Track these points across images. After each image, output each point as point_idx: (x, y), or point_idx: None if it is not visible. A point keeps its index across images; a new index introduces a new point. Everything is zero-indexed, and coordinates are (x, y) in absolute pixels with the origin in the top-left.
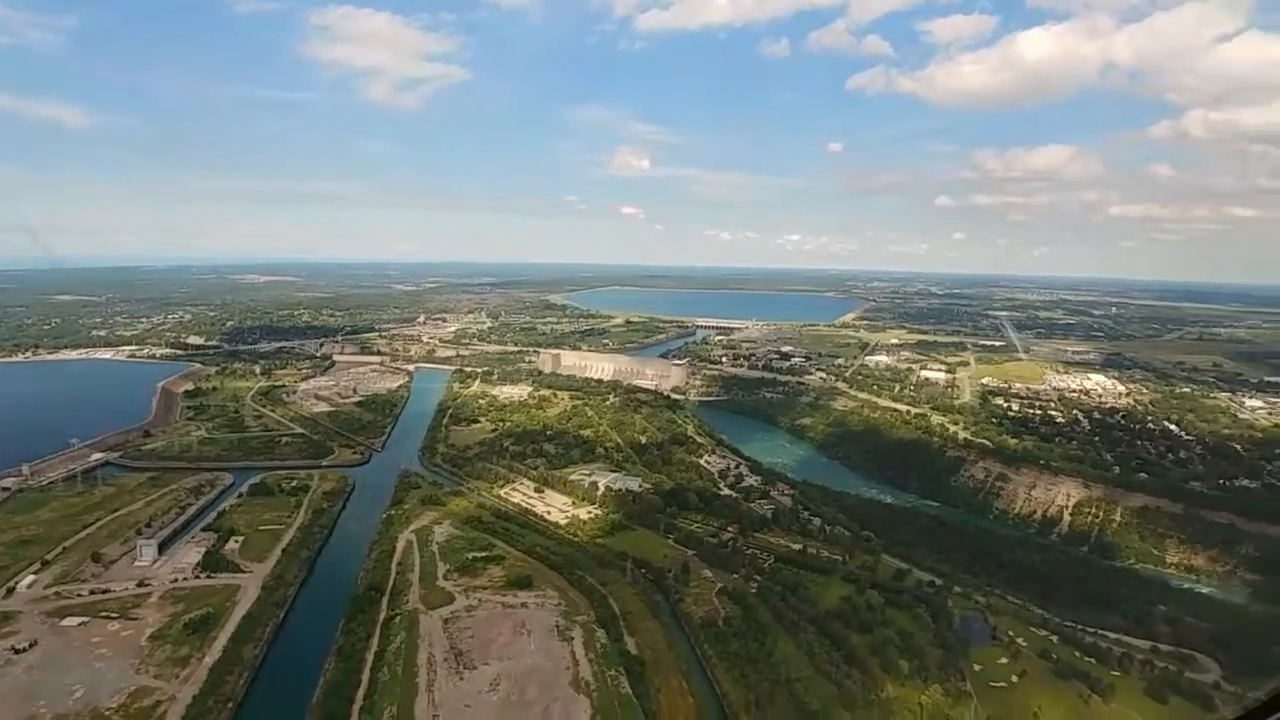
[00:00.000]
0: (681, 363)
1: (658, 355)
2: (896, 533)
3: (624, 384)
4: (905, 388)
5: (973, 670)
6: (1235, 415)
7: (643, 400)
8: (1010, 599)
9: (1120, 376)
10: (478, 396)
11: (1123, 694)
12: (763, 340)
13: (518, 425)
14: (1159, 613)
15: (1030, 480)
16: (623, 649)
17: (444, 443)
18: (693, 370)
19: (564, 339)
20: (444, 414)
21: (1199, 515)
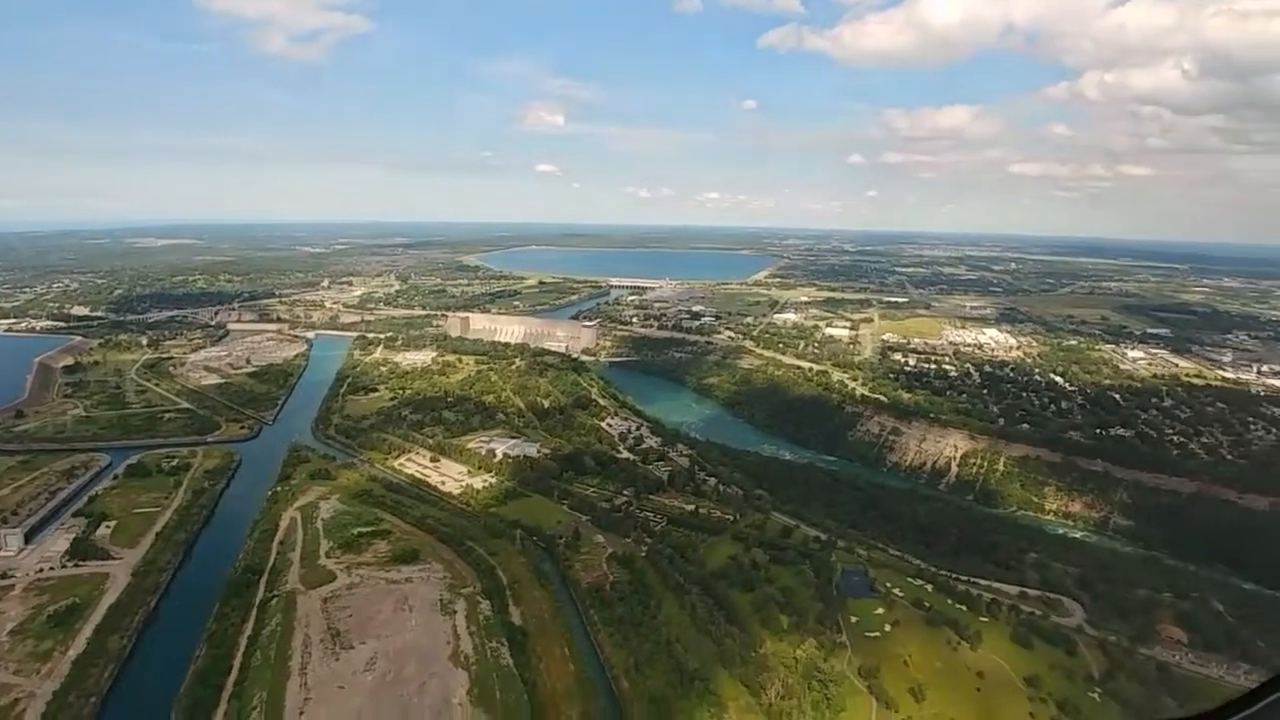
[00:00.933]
0: (592, 324)
1: (569, 317)
2: (790, 489)
3: (532, 347)
4: (810, 345)
5: (849, 622)
6: (1117, 366)
7: (549, 364)
8: (892, 551)
9: (1013, 330)
10: (379, 364)
11: (989, 639)
12: (675, 300)
13: (418, 393)
14: (1030, 559)
15: (921, 433)
16: (506, 620)
17: (339, 413)
18: (603, 331)
19: (475, 301)
20: (342, 383)
21: (1076, 464)
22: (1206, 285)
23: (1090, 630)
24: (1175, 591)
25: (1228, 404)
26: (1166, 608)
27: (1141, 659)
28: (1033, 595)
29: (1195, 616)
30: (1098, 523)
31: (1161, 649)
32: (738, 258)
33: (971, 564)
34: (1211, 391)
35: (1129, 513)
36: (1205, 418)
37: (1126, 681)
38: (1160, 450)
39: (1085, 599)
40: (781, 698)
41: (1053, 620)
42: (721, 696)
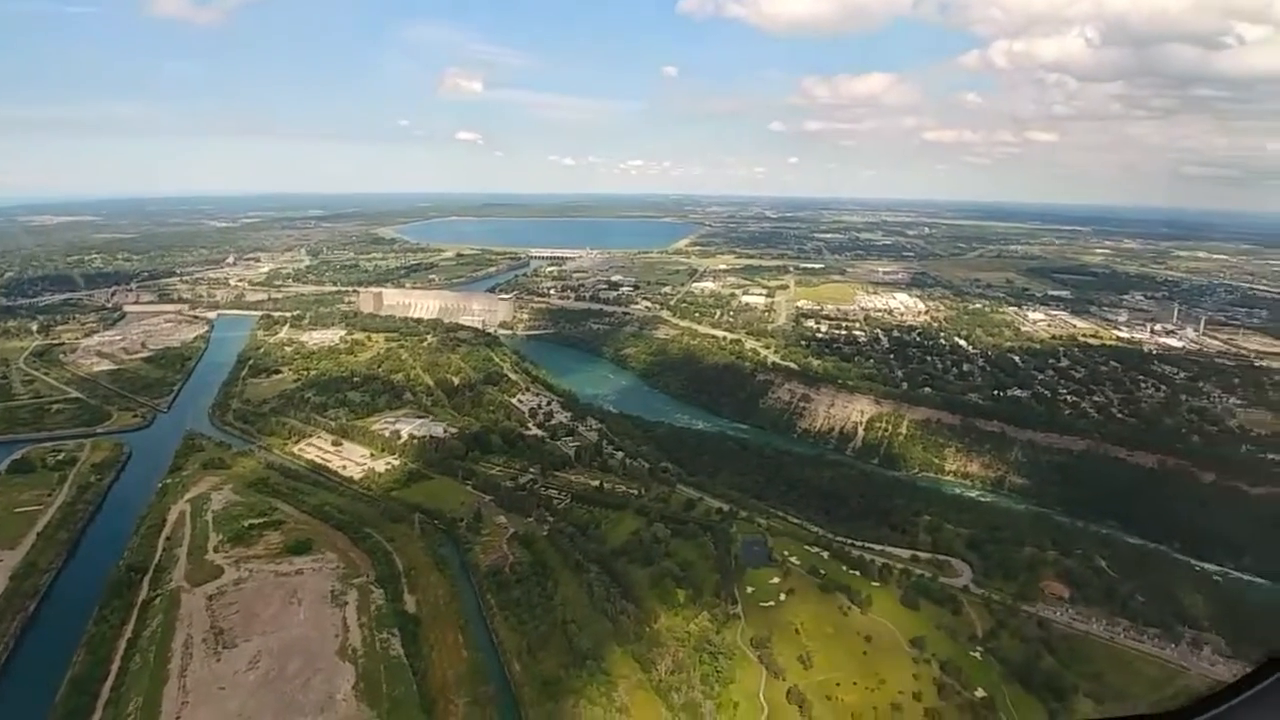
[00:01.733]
0: (508, 297)
1: (486, 290)
2: (699, 460)
3: (446, 323)
4: (726, 314)
5: (745, 593)
6: (1018, 328)
7: (462, 339)
8: (792, 519)
9: (923, 295)
10: (283, 344)
11: (880, 603)
12: (594, 270)
13: (323, 374)
14: (924, 522)
15: (830, 399)
16: (400, 609)
17: (239, 398)
18: (520, 304)
19: (389, 276)
20: (243, 365)
21: (974, 425)
22: (1107, 247)
23: (976, 590)
24: (1061, 549)
25: (1121, 363)
26: (1051, 565)
27: (1024, 617)
28: (924, 558)
29: (1078, 573)
30: (994, 482)
31: (1044, 606)
32: (661, 225)
33: (869, 528)
34: (1106, 351)
35: (1023, 471)
36: (1099, 377)
37: (1008, 639)
38: (1054, 410)
39: (974, 559)
40: (671, 672)
41: (941, 581)
42: (613, 674)
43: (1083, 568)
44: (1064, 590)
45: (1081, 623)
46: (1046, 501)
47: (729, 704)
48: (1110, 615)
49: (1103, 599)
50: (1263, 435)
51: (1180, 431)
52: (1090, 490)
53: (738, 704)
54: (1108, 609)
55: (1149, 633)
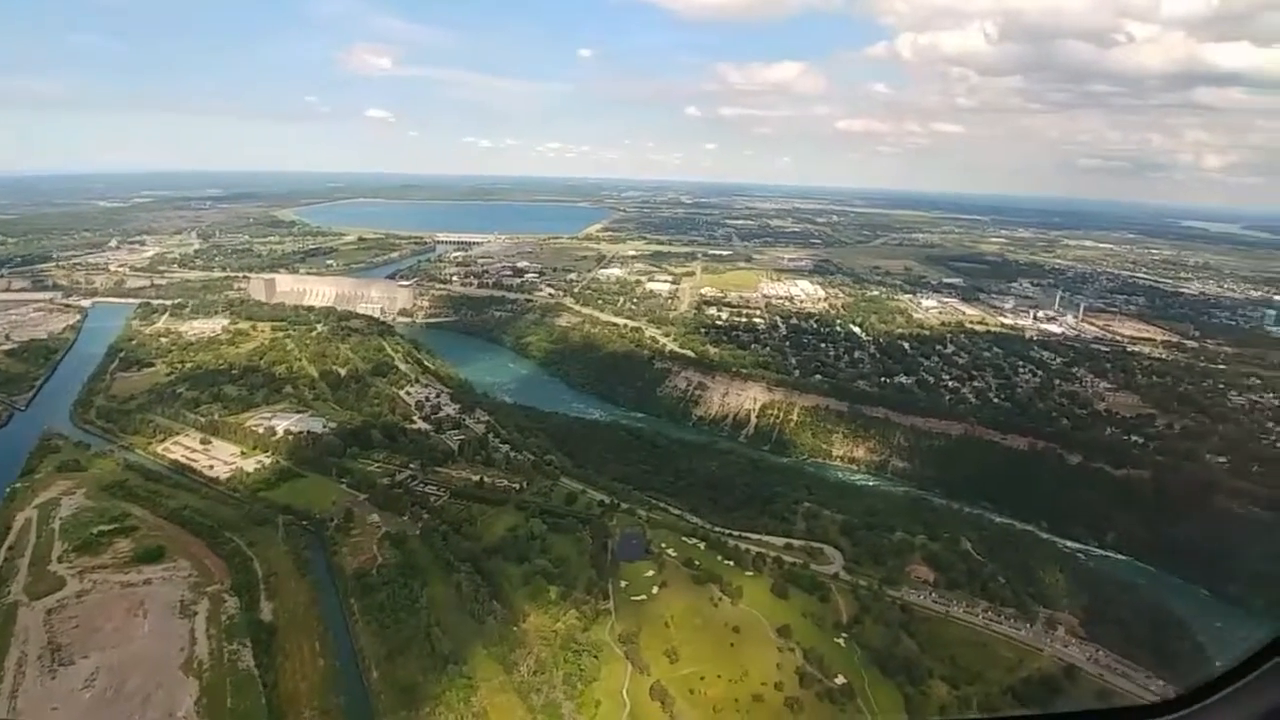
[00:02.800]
0: (408, 284)
1: (387, 276)
2: (590, 451)
3: (339, 311)
4: (629, 301)
5: (619, 588)
6: (911, 315)
7: (355, 328)
8: (673, 510)
9: (824, 282)
10: (160, 334)
11: (751, 593)
12: (501, 255)
13: (199, 366)
14: (803, 509)
15: (725, 387)
16: (254, 618)
17: (104, 394)
18: (421, 291)
19: (283, 261)
20: (114, 358)
21: (861, 411)
22: (1003, 236)
23: (845, 576)
24: (931, 532)
25: (1003, 349)
26: (919, 549)
27: (888, 602)
28: (798, 545)
29: (943, 556)
30: (878, 466)
31: (909, 590)
32: (575, 210)
33: (750, 517)
34: (990, 337)
35: (905, 456)
36: (981, 363)
37: (871, 625)
38: (936, 396)
39: (846, 545)
40: (534, 673)
41: (812, 569)
42: (475, 678)
43: (948, 551)
44: (929, 574)
45: (943, 605)
46: (926, 484)
47: (591, 702)
48: (971, 597)
49: (965, 581)
50: (1127, 418)
51: (1051, 415)
52: (966, 473)
53: (600, 702)
54: (969, 591)
55: (1006, 613)
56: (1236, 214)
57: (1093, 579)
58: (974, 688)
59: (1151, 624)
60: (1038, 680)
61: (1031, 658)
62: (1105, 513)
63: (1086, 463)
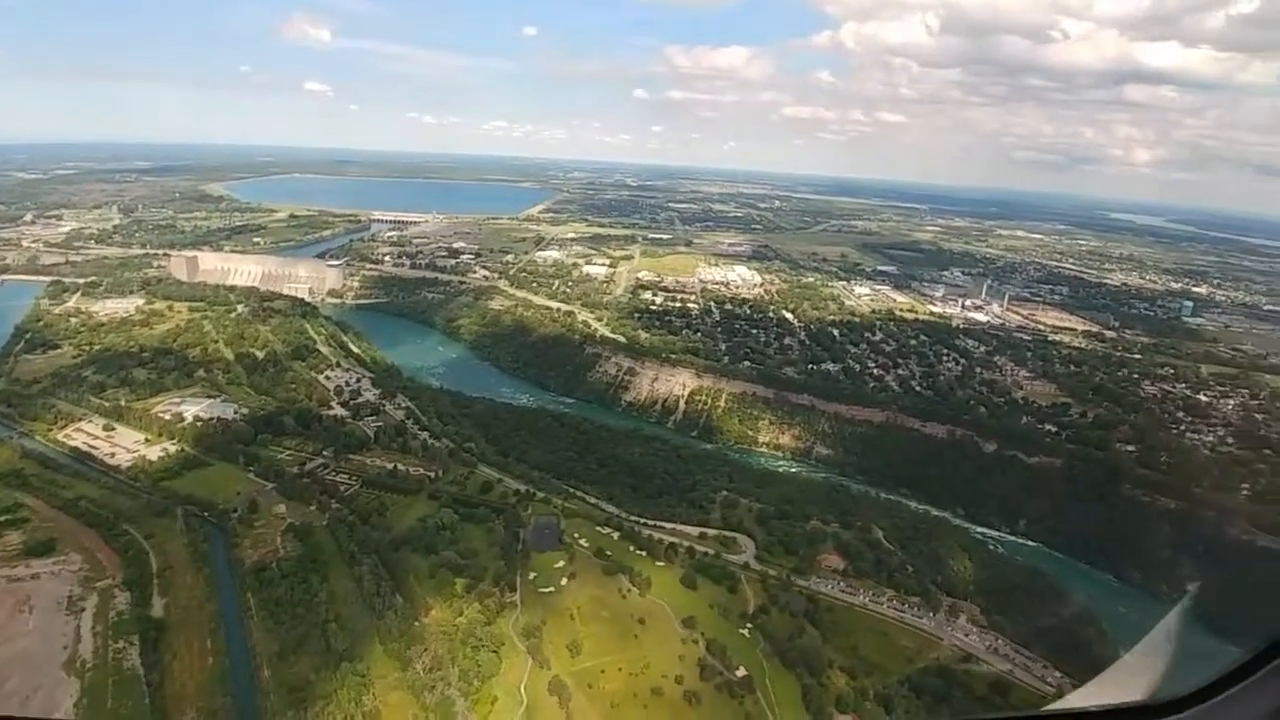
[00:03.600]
0: (338, 263)
1: (316, 255)
2: (514, 437)
3: (263, 291)
4: (565, 284)
5: (527, 579)
6: (843, 302)
7: (277, 309)
8: (590, 498)
9: (761, 268)
10: (70, 315)
11: (660, 584)
12: (438, 236)
13: (109, 348)
14: (720, 498)
15: (654, 373)
16: (145, 614)
17: (6, 377)
18: (351, 271)
19: (209, 238)
20: (19, 340)
21: (787, 398)
22: (939, 224)
23: (756, 566)
24: (845, 521)
25: (930, 336)
26: (831, 538)
27: (795, 591)
28: (712, 535)
29: (854, 545)
30: (802, 453)
31: (818, 579)
32: (518, 191)
33: (669, 505)
34: (918, 325)
35: (829, 443)
36: (907, 350)
37: (777, 615)
38: (861, 383)
39: (760, 534)
40: (430, 669)
41: (724, 559)
42: (370, 675)
43: (860, 539)
44: (839, 562)
45: (850, 594)
46: (847, 472)
47: (488, 699)
48: (878, 586)
49: (874, 570)
50: (1043, 407)
51: (970, 403)
52: (887, 460)
53: (496, 698)
54: (876, 580)
55: (911, 602)
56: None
57: (1001, 566)
58: (871, 679)
59: (1055, 611)
60: (934, 671)
61: (931, 647)
62: (1018, 500)
63: (1001, 451)
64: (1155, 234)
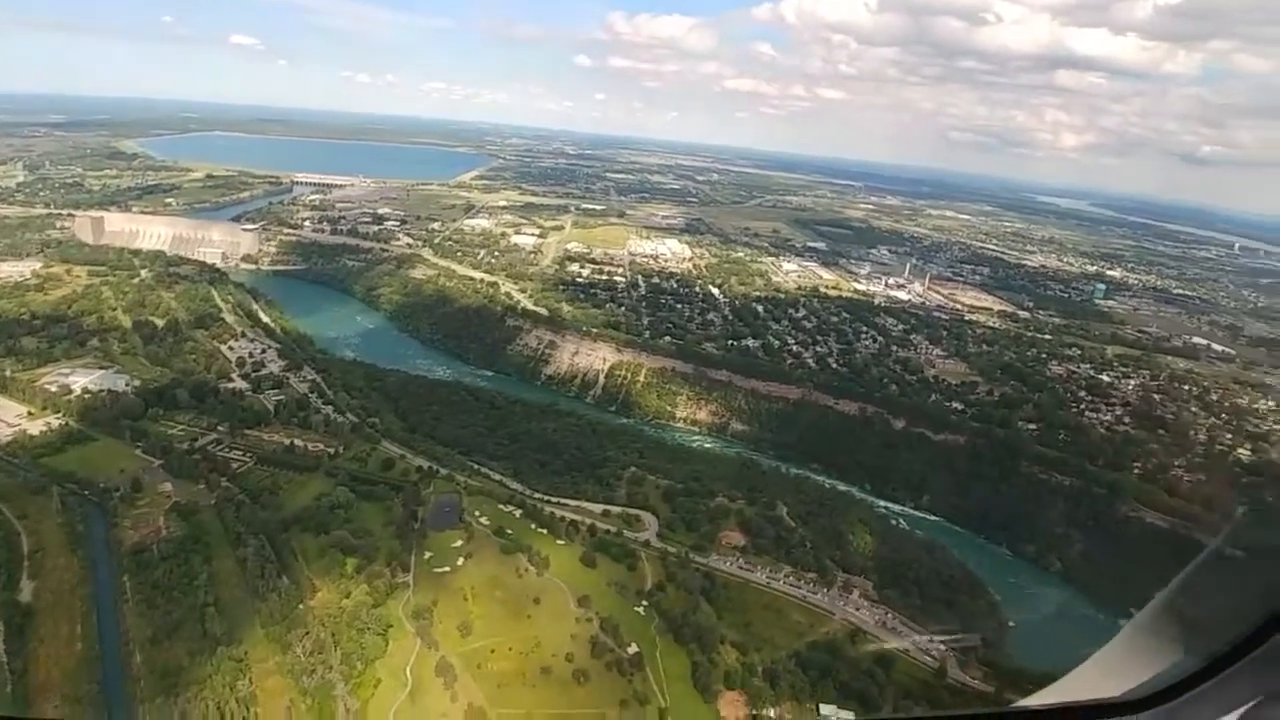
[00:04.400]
0: (254, 227)
1: (232, 218)
2: (425, 412)
3: (173, 255)
4: (491, 254)
5: (422, 559)
6: (770, 278)
7: (184, 275)
8: (496, 475)
9: (692, 241)
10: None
11: (559, 563)
12: (363, 201)
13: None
14: (629, 474)
15: (575, 346)
16: (12, 598)
17: None
18: (268, 236)
19: (118, 197)
20: None
21: (706, 374)
22: (872, 202)
23: (657, 543)
24: (751, 497)
25: (851, 314)
26: (735, 514)
27: (694, 569)
28: (616, 512)
29: (757, 521)
30: (718, 429)
31: (718, 556)
32: (453, 155)
33: (576, 482)
34: (841, 302)
35: (745, 419)
36: (827, 327)
37: (674, 592)
38: (779, 360)
39: (665, 511)
40: (311, 653)
41: (625, 536)
42: (248, 660)
43: (763, 515)
44: (740, 539)
45: (748, 571)
46: (762, 447)
47: (371, 682)
48: (776, 563)
49: (774, 546)
50: (953, 385)
51: (883, 381)
52: (800, 436)
53: (380, 681)
54: (775, 556)
55: (807, 578)
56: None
57: (900, 541)
58: (761, 654)
59: (949, 584)
60: (823, 645)
61: (823, 622)
62: (922, 476)
63: (910, 428)
64: (1078, 217)
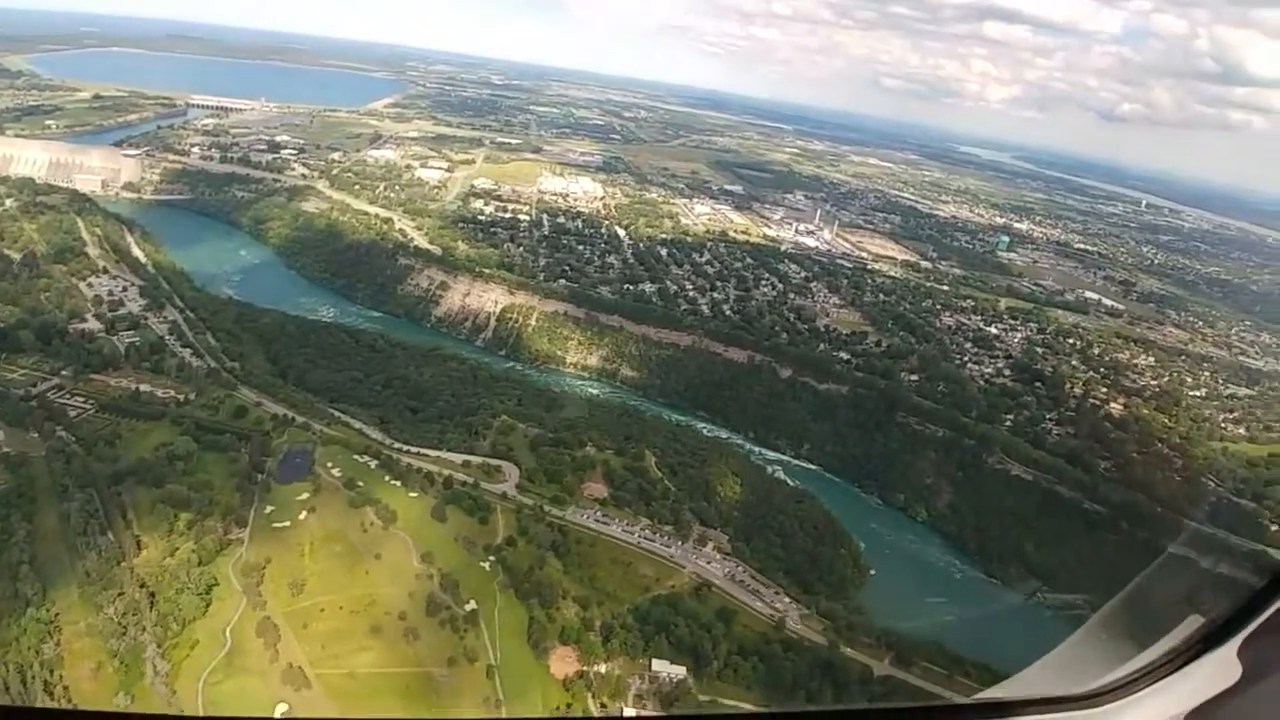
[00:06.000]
0: (137, 153)
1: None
2: (297, 356)
3: (43, 183)
4: (391, 187)
5: (263, 514)
6: (680, 221)
7: (51, 204)
8: (355, 424)
9: (606, 180)
10: None
11: (409, 516)
12: (261, 126)
13: None
14: (499, 423)
15: (467, 287)
16: None
17: None
18: (152, 163)
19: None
20: None
21: (598, 319)
22: (798, 146)
23: (515, 495)
24: (622, 447)
25: (755, 259)
26: (602, 464)
27: (549, 522)
28: (477, 463)
29: (622, 473)
30: (609, 375)
31: (577, 508)
32: (370, 80)
33: (443, 431)
34: (748, 248)
35: (635, 365)
36: (728, 273)
37: (524, 547)
38: (673, 306)
39: (531, 461)
40: (126, 613)
41: (483, 488)
42: (60, 621)
43: (630, 466)
44: (603, 490)
45: (604, 524)
46: (650, 394)
47: (188, 643)
48: (634, 515)
49: (636, 498)
50: (843, 334)
51: (775, 329)
52: (688, 383)
53: (198, 642)
54: (634, 508)
55: (664, 531)
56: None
57: (771, 491)
58: (602, 609)
59: (812, 535)
60: (665, 600)
61: (671, 576)
62: (804, 425)
63: (796, 377)
64: (997, 169)
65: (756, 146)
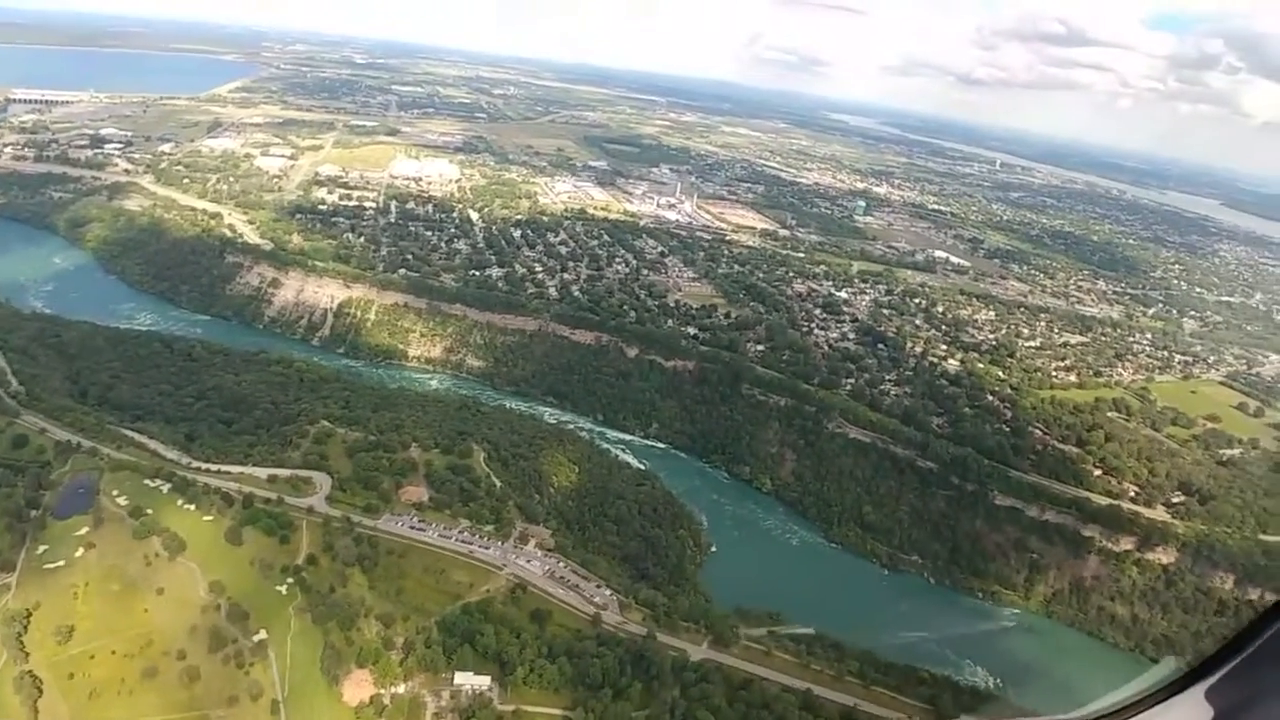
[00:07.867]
0: None
1: None
2: (103, 371)
3: None
4: (226, 179)
5: (34, 554)
6: (538, 200)
7: None
8: (152, 444)
9: (465, 162)
10: None
11: (200, 542)
12: (86, 120)
13: None
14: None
15: (300, 284)
16: None
17: None
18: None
19: None
20: None
21: (440, 309)
22: (670, 118)
23: (325, 507)
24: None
25: (612, 237)
26: (425, 465)
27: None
28: (285, 476)
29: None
30: (454, 366)
31: (392, 516)
32: (219, 64)
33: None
34: (605, 225)
35: (480, 354)
36: (582, 252)
37: (328, 564)
38: (518, 290)
39: (346, 469)
40: None
41: (286, 504)
42: None
43: (456, 464)
44: (423, 494)
45: (419, 530)
46: (496, 383)
47: None
48: (453, 517)
49: (458, 499)
50: (693, 308)
51: (622, 308)
52: (535, 369)
53: None
54: (454, 510)
55: (484, 532)
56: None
57: (611, 476)
58: (406, 625)
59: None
60: (476, 607)
61: (488, 579)
62: (652, 404)
63: (643, 355)
64: (863, 135)
65: (628, 120)
